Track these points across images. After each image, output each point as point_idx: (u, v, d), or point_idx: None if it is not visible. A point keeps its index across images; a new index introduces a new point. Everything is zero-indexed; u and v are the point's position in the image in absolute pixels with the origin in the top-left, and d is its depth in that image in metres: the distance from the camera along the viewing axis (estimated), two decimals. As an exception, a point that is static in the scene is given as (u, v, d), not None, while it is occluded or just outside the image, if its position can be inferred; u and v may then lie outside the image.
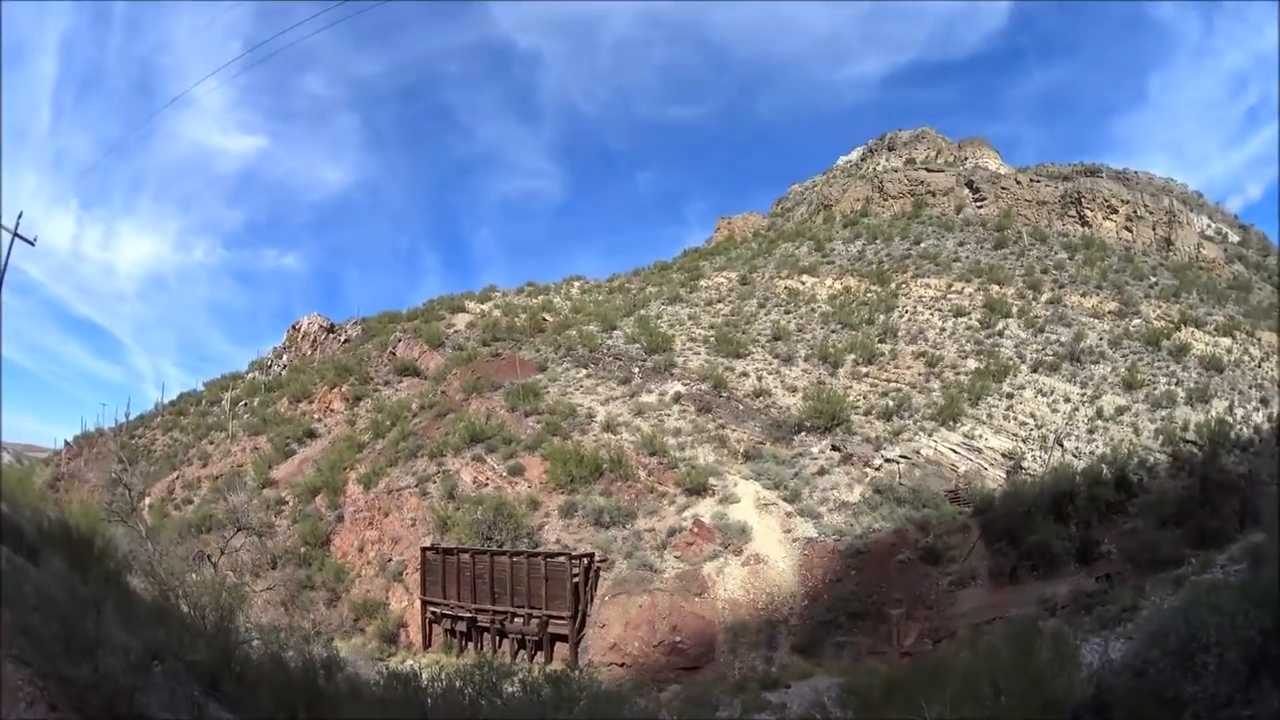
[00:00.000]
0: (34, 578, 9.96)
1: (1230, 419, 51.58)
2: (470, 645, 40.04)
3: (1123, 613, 28.73)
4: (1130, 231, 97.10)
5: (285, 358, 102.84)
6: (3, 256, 29.73)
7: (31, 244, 30.69)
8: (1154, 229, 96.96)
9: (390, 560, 46.87)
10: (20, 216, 30.18)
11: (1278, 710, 8.99)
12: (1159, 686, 11.03)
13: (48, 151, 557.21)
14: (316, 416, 73.61)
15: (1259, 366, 60.95)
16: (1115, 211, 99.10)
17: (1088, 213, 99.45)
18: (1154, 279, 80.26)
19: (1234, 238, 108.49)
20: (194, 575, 36.52)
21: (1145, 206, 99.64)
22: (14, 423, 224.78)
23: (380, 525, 49.86)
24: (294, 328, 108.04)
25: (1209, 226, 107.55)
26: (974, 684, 11.31)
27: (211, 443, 76.97)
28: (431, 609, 41.57)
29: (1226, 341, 63.84)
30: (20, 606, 8.60)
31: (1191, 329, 65.28)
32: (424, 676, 14.46)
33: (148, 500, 62.52)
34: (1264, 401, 55.38)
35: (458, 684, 13.09)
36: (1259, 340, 65.27)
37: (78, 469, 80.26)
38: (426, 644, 41.46)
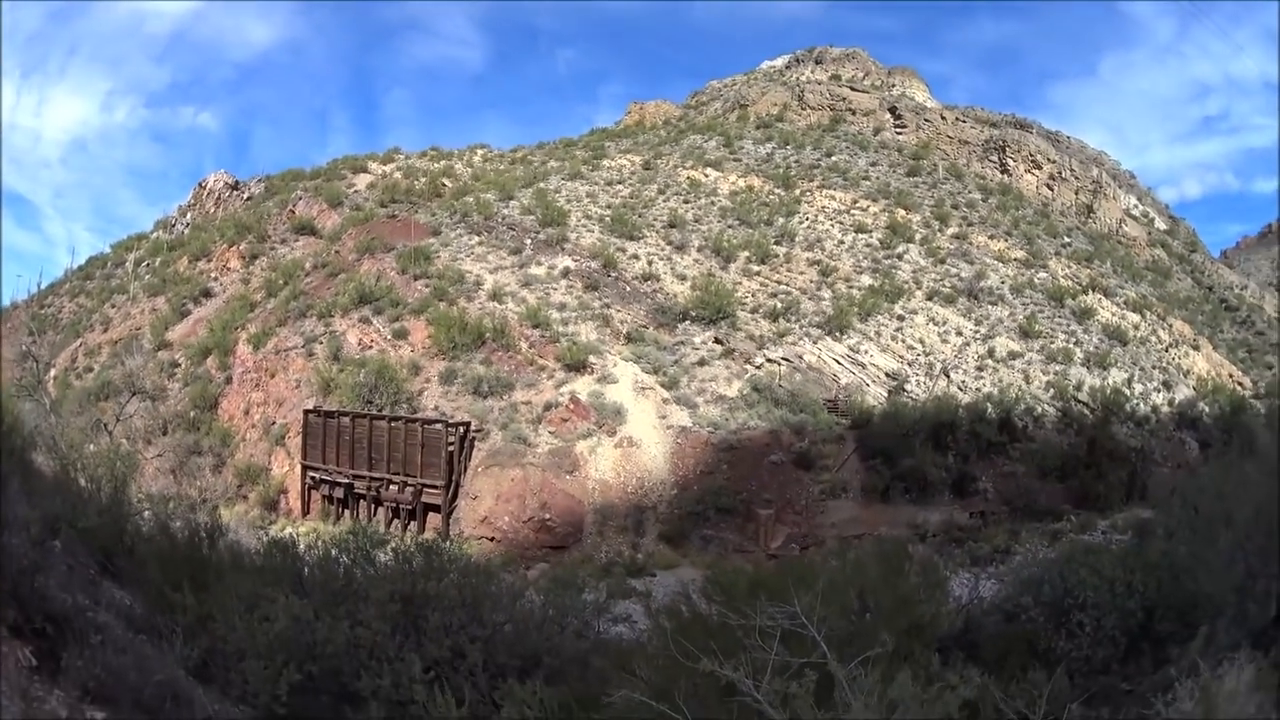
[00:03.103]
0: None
1: (1128, 392, 52.58)
2: (347, 512, 39.82)
3: (995, 553, 29.89)
4: (1051, 190, 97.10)
5: (189, 216, 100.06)
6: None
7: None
8: (1077, 194, 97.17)
9: (274, 424, 46.27)
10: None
11: (1158, 685, 8.57)
12: (1031, 635, 11.25)
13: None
14: (213, 275, 71.76)
15: (1166, 350, 61.62)
16: (1039, 167, 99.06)
17: (1010, 162, 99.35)
18: (1068, 240, 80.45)
19: (1161, 225, 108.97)
20: (92, 446, 36.04)
21: (1072, 170, 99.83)
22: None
23: (266, 387, 49.05)
24: (200, 185, 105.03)
25: (1136, 207, 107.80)
26: (841, 594, 11.14)
27: (114, 306, 74.98)
28: (311, 474, 41.20)
29: (1135, 317, 64.16)
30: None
31: (1100, 296, 65.42)
32: (301, 545, 14.30)
33: (53, 371, 61.65)
34: (1166, 385, 56.21)
35: (333, 552, 12.86)
36: (1170, 326, 65.90)
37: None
38: (305, 511, 41.21)
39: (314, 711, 9.80)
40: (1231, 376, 63.83)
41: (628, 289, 56.37)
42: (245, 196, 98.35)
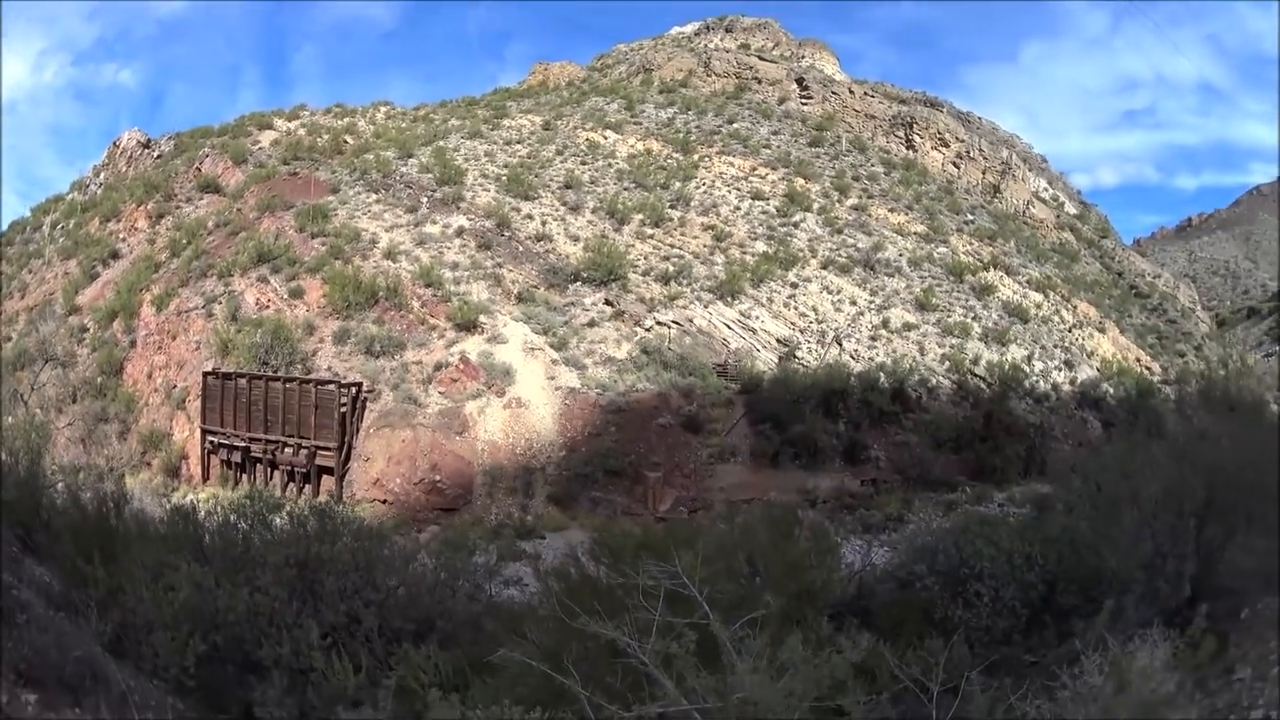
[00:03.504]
0: None
1: (1027, 369, 52.92)
2: (245, 477, 39.15)
3: (888, 521, 30.15)
4: (957, 169, 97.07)
5: (103, 176, 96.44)
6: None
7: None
8: (984, 173, 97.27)
9: (175, 387, 45.26)
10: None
11: (1064, 657, 8.61)
12: (927, 603, 11.28)
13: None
14: (122, 236, 69.57)
15: (1069, 331, 61.88)
16: (946, 145, 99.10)
17: (917, 139, 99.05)
18: (971, 217, 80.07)
19: (1072, 210, 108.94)
20: (9, 418, 35.29)
21: (980, 150, 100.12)
22: None
23: (168, 350, 47.88)
24: (115, 145, 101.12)
25: (1046, 190, 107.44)
26: (729, 557, 11.28)
27: (30, 271, 72.75)
28: (210, 438, 40.31)
29: (1038, 296, 64.40)
30: None
31: (1001, 273, 65.64)
32: (202, 511, 14.15)
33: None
34: (1069, 364, 56.50)
35: (232, 518, 12.77)
36: (1074, 307, 66.22)
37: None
38: (205, 476, 40.34)
39: (220, 683, 9.71)
40: (1139, 361, 64.42)
41: (520, 249, 56.08)
42: (156, 155, 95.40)
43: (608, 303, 48.30)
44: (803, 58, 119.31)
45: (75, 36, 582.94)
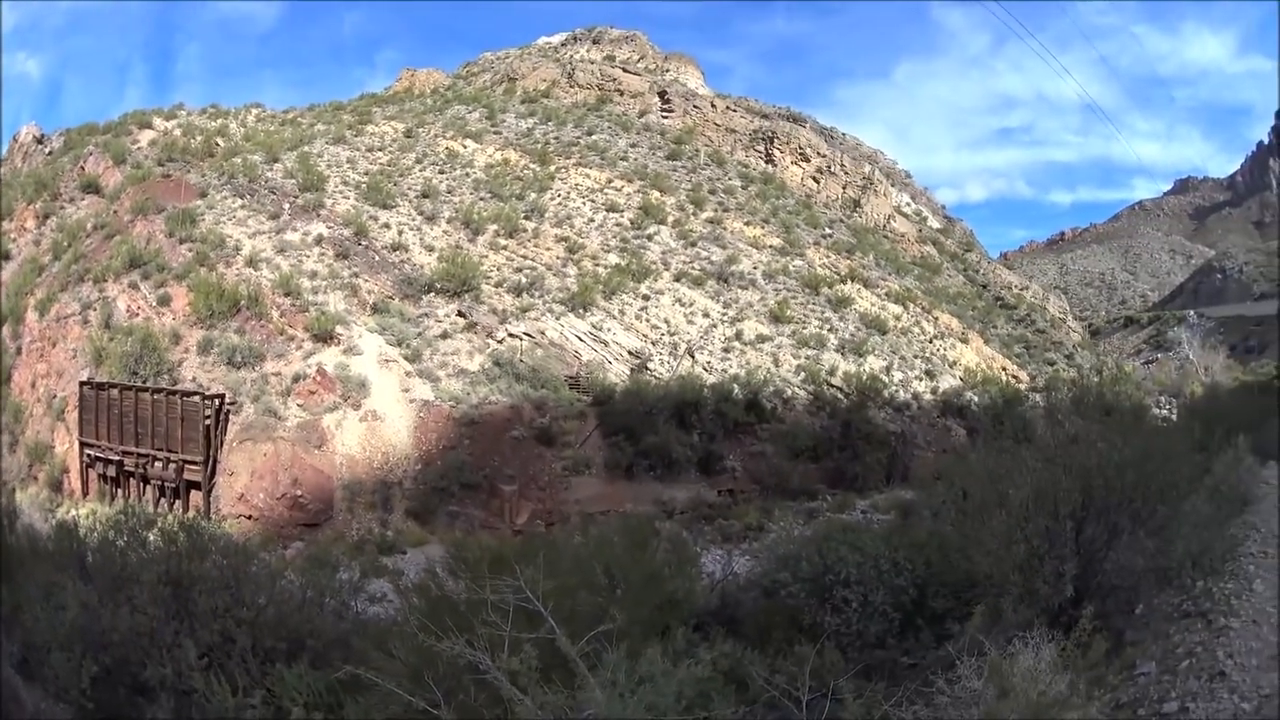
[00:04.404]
0: None
1: (885, 379, 53.54)
2: (120, 491, 37.86)
3: (747, 530, 30.59)
4: (817, 183, 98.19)
5: (2, 170, 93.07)
6: None
7: None
8: (844, 188, 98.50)
9: (55, 397, 44.06)
10: None
11: (940, 659, 9.13)
12: (794, 610, 11.52)
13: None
14: (13, 237, 66.41)
15: (930, 342, 62.98)
16: (806, 160, 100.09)
17: (776, 154, 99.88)
18: (829, 231, 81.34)
19: (935, 224, 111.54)
20: None
21: (841, 165, 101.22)
22: None
23: (49, 357, 46.60)
24: (14, 139, 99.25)
25: (908, 204, 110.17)
26: (587, 569, 11.37)
27: None
28: (88, 451, 39.08)
29: (896, 308, 65.33)
30: None
31: (859, 286, 66.48)
32: (83, 528, 14.34)
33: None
34: (930, 374, 57.38)
35: (110, 534, 12.68)
36: (935, 319, 67.31)
37: None
38: (85, 491, 39.14)
39: (114, 705, 9.91)
40: (1005, 370, 65.77)
41: (377, 258, 55.77)
42: (47, 151, 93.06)
43: (460, 314, 48.17)
44: (667, 71, 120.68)
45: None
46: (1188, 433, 16.36)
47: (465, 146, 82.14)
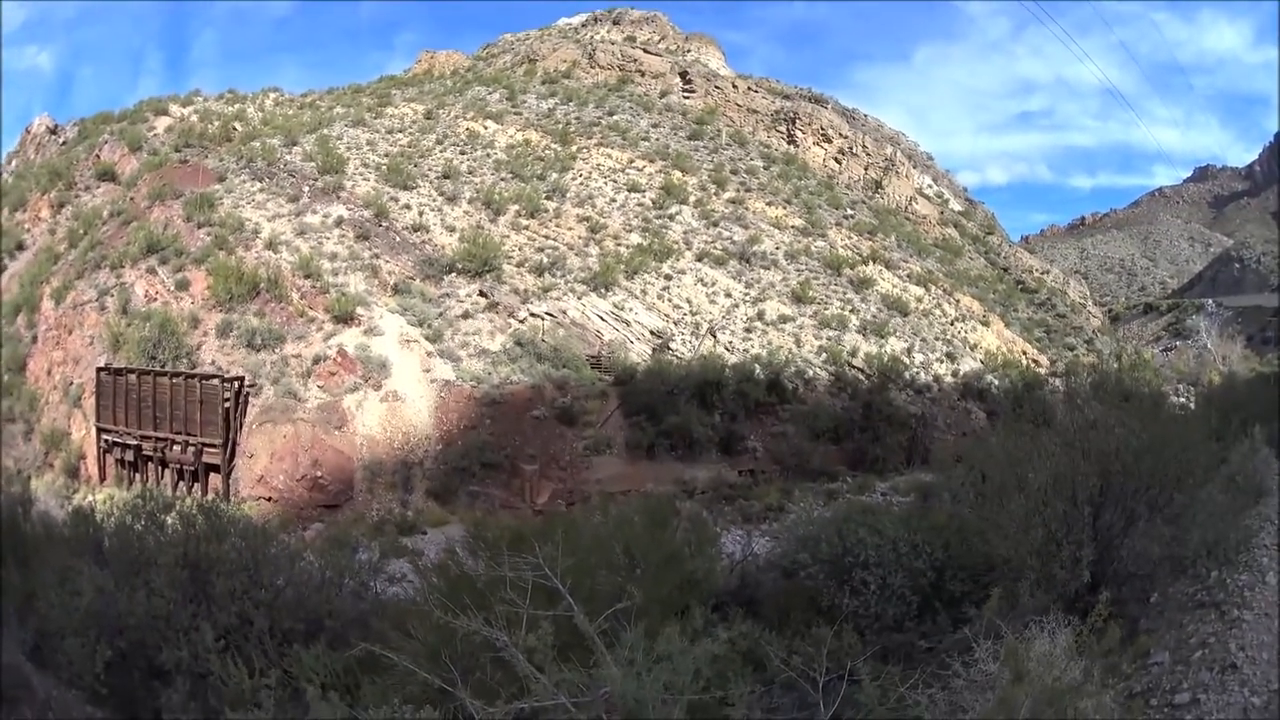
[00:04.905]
0: None
1: (907, 360, 53.51)
2: (138, 476, 38.09)
3: (768, 511, 30.39)
4: (839, 164, 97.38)
5: (14, 163, 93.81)
6: None
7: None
8: (866, 169, 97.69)
9: (71, 384, 44.14)
10: None
11: (958, 644, 8.86)
12: (813, 592, 11.44)
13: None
14: (27, 227, 67.32)
15: (951, 324, 62.69)
16: (829, 141, 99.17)
17: (799, 134, 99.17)
18: (851, 212, 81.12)
19: (957, 206, 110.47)
20: None
21: (864, 146, 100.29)
22: None
23: (65, 345, 46.68)
24: (27, 131, 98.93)
25: (930, 187, 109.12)
26: (606, 548, 11.29)
27: None
28: (105, 437, 39.17)
29: (918, 290, 65.10)
30: None
31: (880, 267, 66.21)
32: (100, 513, 14.36)
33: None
34: (950, 356, 57.19)
35: (128, 519, 12.73)
36: (957, 301, 67.03)
37: None
38: (102, 476, 39.19)
39: (129, 689, 9.96)
40: (1025, 353, 65.30)
41: (398, 239, 55.72)
42: (61, 141, 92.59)
43: (482, 294, 48.20)
44: (688, 52, 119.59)
45: (8, 18, 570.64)
46: (1205, 421, 16.23)
47: (486, 127, 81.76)
